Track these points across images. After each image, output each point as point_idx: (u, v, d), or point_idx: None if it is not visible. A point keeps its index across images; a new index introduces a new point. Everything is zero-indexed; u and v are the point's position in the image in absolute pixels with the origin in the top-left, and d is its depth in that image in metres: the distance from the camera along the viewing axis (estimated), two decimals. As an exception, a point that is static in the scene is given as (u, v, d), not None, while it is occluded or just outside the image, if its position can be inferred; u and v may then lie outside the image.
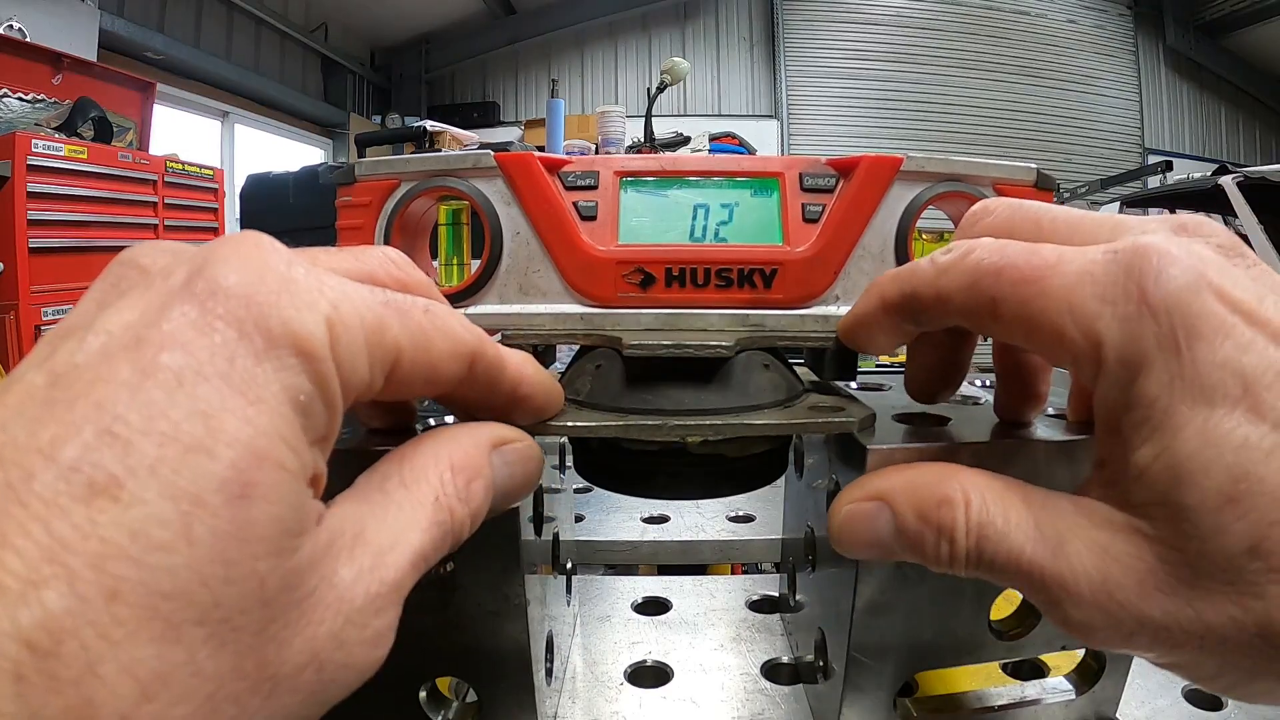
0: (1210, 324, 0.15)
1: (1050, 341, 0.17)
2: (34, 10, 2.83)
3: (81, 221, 2.13)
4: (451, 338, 0.18)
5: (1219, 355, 0.15)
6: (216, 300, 0.14)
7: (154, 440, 0.13)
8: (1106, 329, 0.16)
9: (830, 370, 0.28)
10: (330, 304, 0.15)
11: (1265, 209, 2.76)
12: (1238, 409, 0.15)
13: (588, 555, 0.51)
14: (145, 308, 0.14)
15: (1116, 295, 0.16)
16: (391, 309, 0.17)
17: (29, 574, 0.11)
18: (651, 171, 0.30)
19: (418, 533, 0.17)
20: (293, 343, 0.14)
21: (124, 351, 0.13)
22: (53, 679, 0.11)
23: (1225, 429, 0.15)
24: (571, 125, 2.67)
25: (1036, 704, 0.31)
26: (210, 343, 0.13)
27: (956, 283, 0.19)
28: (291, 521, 0.14)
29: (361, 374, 0.16)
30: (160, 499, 0.12)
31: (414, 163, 0.30)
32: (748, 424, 0.24)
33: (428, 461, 0.18)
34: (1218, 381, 0.15)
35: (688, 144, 2.57)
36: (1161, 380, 0.15)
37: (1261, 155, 5.55)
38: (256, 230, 0.16)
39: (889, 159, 0.29)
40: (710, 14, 5.63)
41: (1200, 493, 0.15)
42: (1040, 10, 5.53)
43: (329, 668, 0.15)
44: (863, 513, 0.20)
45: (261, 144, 4.72)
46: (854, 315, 0.24)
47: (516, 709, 0.28)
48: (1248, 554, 0.14)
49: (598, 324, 0.29)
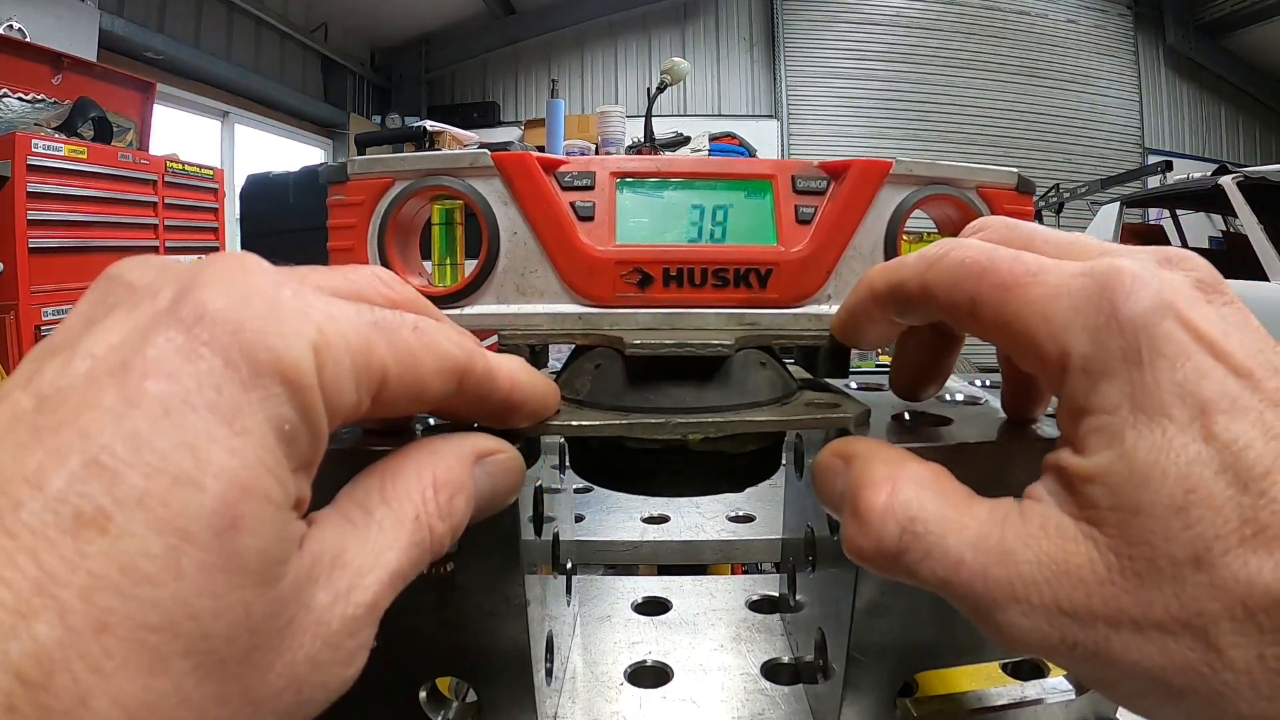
0: (1173, 347, 0.16)
1: (1022, 345, 0.18)
2: (34, 10, 2.83)
3: (81, 221, 2.13)
4: (440, 355, 0.18)
5: (1178, 376, 0.15)
6: (202, 326, 0.14)
7: (141, 471, 0.13)
8: (1076, 339, 0.17)
9: (824, 368, 0.29)
10: (316, 327, 0.15)
11: (1265, 209, 2.76)
12: (1191, 428, 0.15)
13: (588, 555, 0.51)
14: (130, 329, 0.14)
15: (1088, 309, 0.17)
16: (379, 329, 0.17)
17: (19, 605, 0.11)
18: (647, 172, 0.30)
19: (396, 552, 0.17)
20: (278, 371, 0.14)
21: (109, 377, 0.13)
22: (44, 711, 0.11)
23: (1180, 442, 0.15)
24: (571, 125, 2.67)
25: (1036, 704, 0.31)
26: (196, 370, 0.13)
27: (940, 278, 0.20)
28: (276, 551, 0.14)
29: (348, 397, 0.16)
30: (148, 532, 0.12)
31: (409, 161, 0.30)
32: (749, 421, 0.25)
33: (410, 478, 0.18)
34: (1175, 400, 0.15)
35: (688, 144, 2.57)
36: (1123, 390, 0.16)
37: (1261, 155, 5.55)
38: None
39: (879, 163, 0.30)
40: (710, 14, 5.64)
41: (1153, 496, 0.15)
42: (1040, 10, 5.53)
43: (306, 689, 0.15)
44: (832, 466, 0.21)
45: (261, 144, 4.72)
46: (845, 308, 0.25)
47: (516, 709, 0.28)
48: (1191, 564, 0.14)
49: (596, 324, 0.29)
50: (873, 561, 0.19)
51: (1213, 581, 0.14)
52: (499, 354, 0.21)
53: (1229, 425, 0.15)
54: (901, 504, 0.18)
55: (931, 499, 0.18)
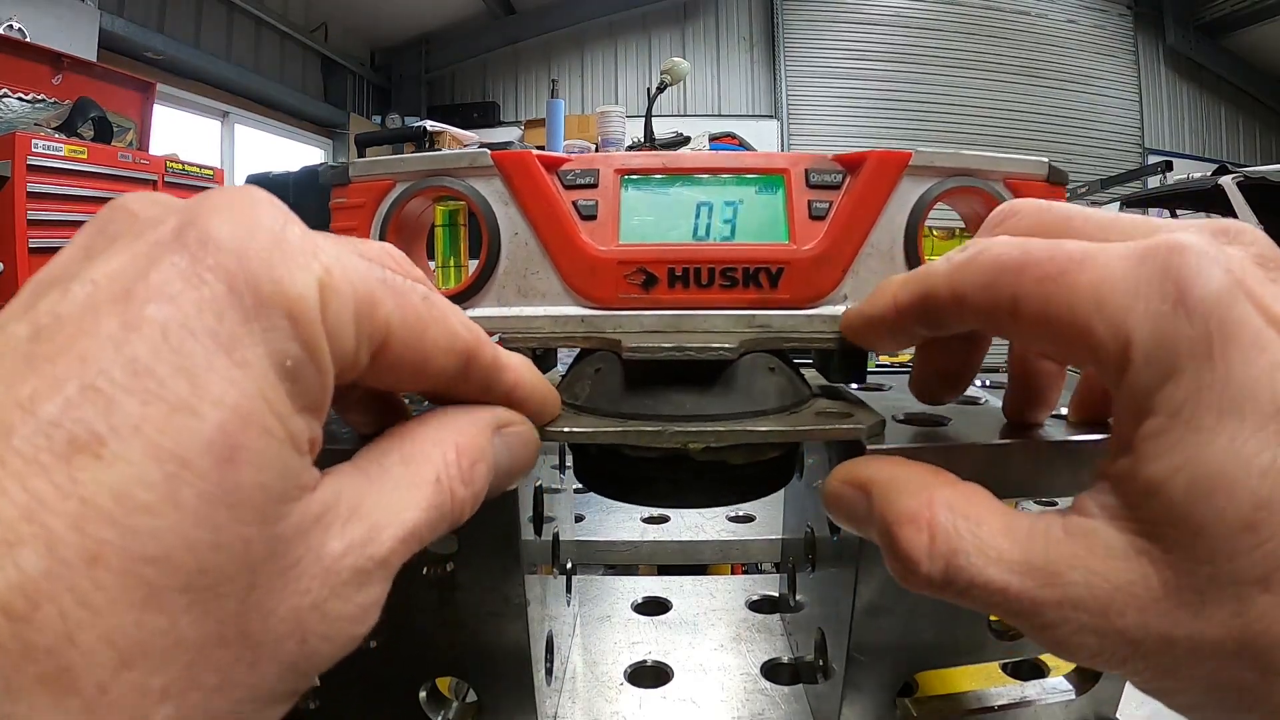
0: (1247, 334, 0.14)
1: (1075, 340, 0.16)
2: (34, 10, 2.83)
3: (81, 221, 2.12)
4: (448, 330, 0.18)
5: (1254, 369, 0.14)
6: (207, 251, 0.13)
7: (138, 398, 0.12)
8: (1137, 326, 0.15)
9: (838, 372, 0.27)
10: (323, 266, 0.15)
11: (1265, 209, 2.75)
12: (1268, 427, 0.14)
13: (588, 555, 0.51)
14: (133, 256, 0.13)
15: (1150, 292, 0.15)
16: (387, 287, 0.16)
17: (5, 534, 0.11)
18: (653, 169, 0.29)
19: (415, 511, 0.17)
20: (283, 303, 0.14)
21: (110, 303, 0.13)
22: (27, 646, 0.11)
23: (1253, 448, 0.14)
24: (571, 125, 2.67)
25: (1036, 704, 0.31)
26: (199, 296, 0.13)
27: (974, 280, 0.18)
28: (279, 488, 0.14)
29: (348, 344, 0.15)
30: (145, 459, 0.12)
31: (410, 162, 0.29)
32: (751, 430, 0.23)
33: (429, 441, 0.18)
34: (1250, 395, 0.14)
35: (688, 144, 2.57)
36: (1190, 387, 0.14)
37: (1261, 155, 5.55)
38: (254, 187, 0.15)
39: (897, 154, 0.28)
40: (710, 14, 5.63)
41: (1219, 513, 0.14)
42: (1040, 10, 5.52)
43: (311, 639, 0.14)
44: (847, 496, 0.20)
45: (261, 144, 4.71)
46: (863, 315, 0.23)
47: (516, 709, 0.28)
48: (1259, 585, 0.14)
49: (598, 326, 0.28)
50: (920, 591, 0.18)
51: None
52: (507, 350, 0.21)
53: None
54: (942, 541, 0.17)
55: (968, 528, 0.17)
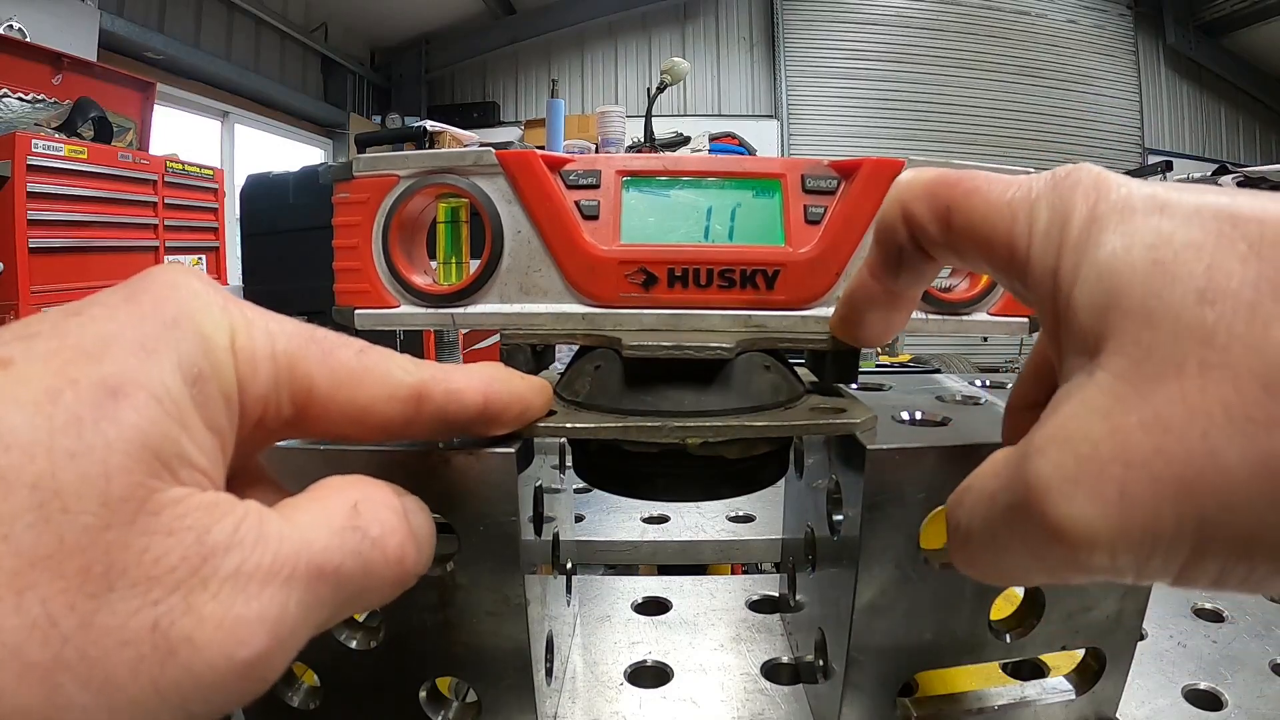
0: (1112, 186, 0.17)
1: (992, 237, 0.19)
2: (34, 10, 2.83)
3: (81, 221, 2.13)
4: (387, 380, 0.19)
5: (1138, 190, 0.17)
6: (144, 286, 0.16)
7: (55, 343, 0.14)
8: (1037, 212, 0.18)
9: (831, 372, 0.28)
10: (242, 317, 0.17)
11: (1265, 209, 2.75)
12: (1152, 215, 0.16)
13: (588, 555, 0.51)
14: (87, 300, 0.16)
15: (1044, 189, 0.18)
16: (315, 344, 0.18)
17: None
18: (654, 171, 0.30)
19: (324, 533, 0.16)
20: (194, 327, 0.16)
21: (61, 312, 0.15)
22: None
23: (1118, 240, 0.16)
24: (571, 125, 2.67)
25: (1036, 704, 0.31)
26: (130, 309, 0.15)
27: (916, 193, 0.21)
28: (157, 446, 0.14)
29: (262, 386, 0.17)
30: (43, 373, 0.14)
31: (413, 160, 0.29)
32: (748, 425, 0.24)
33: (342, 483, 0.18)
34: (1117, 210, 0.16)
35: (688, 144, 2.57)
36: (1082, 215, 0.17)
37: (1261, 155, 5.55)
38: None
39: (891, 162, 0.29)
40: (710, 14, 5.63)
41: (1120, 291, 0.16)
42: (1040, 10, 5.52)
43: (171, 638, 0.13)
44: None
45: (261, 144, 4.72)
46: (841, 300, 0.25)
47: (516, 709, 0.28)
48: (1201, 344, 0.14)
49: (599, 324, 0.29)
50: None
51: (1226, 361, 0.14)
52: (468, 368, 0.21)
53: (1177, 209, 0.16)
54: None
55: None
